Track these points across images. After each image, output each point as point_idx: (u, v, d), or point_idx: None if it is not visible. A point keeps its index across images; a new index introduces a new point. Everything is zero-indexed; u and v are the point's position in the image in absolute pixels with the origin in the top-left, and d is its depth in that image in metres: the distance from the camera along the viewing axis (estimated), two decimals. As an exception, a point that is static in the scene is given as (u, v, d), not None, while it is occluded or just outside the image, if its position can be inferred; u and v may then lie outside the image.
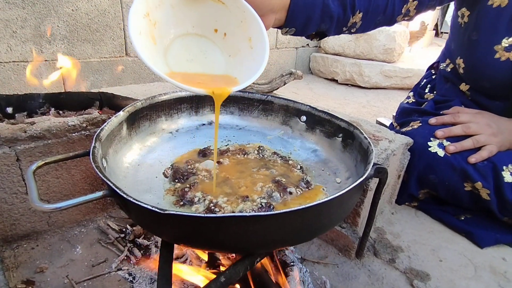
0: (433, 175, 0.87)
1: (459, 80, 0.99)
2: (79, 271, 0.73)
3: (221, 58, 0.56)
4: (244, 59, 0.55)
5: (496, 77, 0.85)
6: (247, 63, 0.54)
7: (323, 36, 0.84)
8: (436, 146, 0.85)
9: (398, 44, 2.78)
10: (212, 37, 0.56)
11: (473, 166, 0.80)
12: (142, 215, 0.39)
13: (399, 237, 0.91)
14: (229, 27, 0.55)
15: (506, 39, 0.81)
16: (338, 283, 0.76)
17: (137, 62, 1.98)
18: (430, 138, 0.87)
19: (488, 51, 0.84)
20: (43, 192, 0.78)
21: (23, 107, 0.75)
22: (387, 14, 0.80)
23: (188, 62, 0.53)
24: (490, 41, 0.84)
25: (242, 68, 0.54)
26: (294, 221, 0.39)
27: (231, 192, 0.52)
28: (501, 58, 0.81)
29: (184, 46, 0.53)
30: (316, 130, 0.71)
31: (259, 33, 0.54)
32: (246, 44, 0.55)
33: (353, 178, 0.57)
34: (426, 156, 0.86)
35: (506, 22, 0.81)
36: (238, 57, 0.56)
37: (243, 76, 0.52)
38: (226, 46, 0.56)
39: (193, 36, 0.54)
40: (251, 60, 0.54)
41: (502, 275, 0.81)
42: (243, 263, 0.42)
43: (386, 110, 2.23)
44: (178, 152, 0.66)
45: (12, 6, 1.46)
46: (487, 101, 0.93)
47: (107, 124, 0.52)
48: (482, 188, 0.80)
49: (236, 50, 0.56)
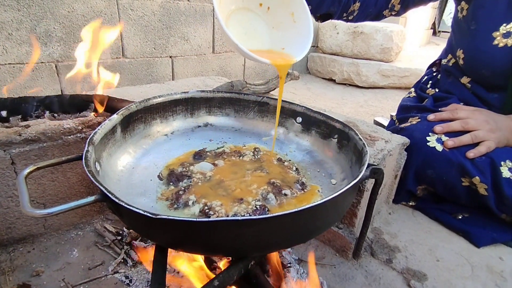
0: (430, 170, 0.88)
1: (460, 73, 1.00)
2: (76, 274, 0.72)
3: (265, 31, 0.61)
4: (288, 32, 0.60)
5: (495, 64, 0.86)
6: (292, 37, 0.59)
7: (327, 18, 0.94)
8: (435, 141, 0.86)
9: (396, 43, 2.78)
10: (257, 10, 0.60)
11: (471, 161, 0.80)
12: (134, 220, 0.39)
13: (396, 237, 0.91)
14: (272, 1, 0.60)
15: (504, 26, 0.82)
16: (335, 283, 0.76)
17: (134, 64, 1.97)
18: (428, 133, 0.88)
19: (487, 38, 0.85)
20: (39, 195, 0.78)
21: (18, 110, 0.74)
22: (377, 6, 0.89)
23: (244, 35, 0.58)
24: (488, 28, 0.85)
25: (287, 41, 0.59)
26: (288, 224, 0.39)
27: (225, 194, 0.52)
28: (499, 44, 0.83)
29: (238, 20, 0.57)
30: (311, 131, 0.71)
31: (302, 8, 0.58)
32: (289, 18, 0.60)
33: (348, 179, 0.57)
34: (424, 151, 0.87)
35: (503, 9, 0.83)
36: (281, 30, 0.61)
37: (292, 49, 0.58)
38: (270, 19, 0.61)
39: (243, 10, 0.58)
40: (296, 34, 0.59)
41: (499, 274, 0.81)
42: (237, 267, 0.42)
43: (384, 109, 2.23)
44: (173, 154, 0.65)
45: (8, 8, 1.45)
46: (487, 94, 0.94)
47: (101, 127, 0.52)
48: (479, 183, 0.80)
49: (279, 23, 0.60)
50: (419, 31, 4.57)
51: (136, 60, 1.98)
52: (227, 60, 2.46)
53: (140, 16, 1.90)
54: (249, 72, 2.66)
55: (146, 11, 1.91)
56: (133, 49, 1.94)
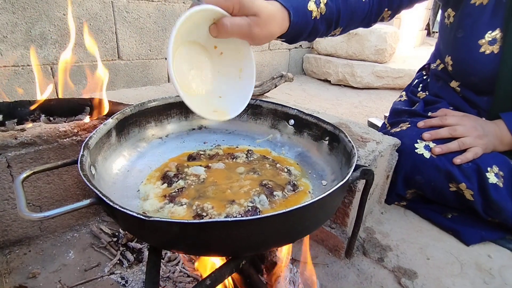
0: (419, 176, 0.89)
1: (449, 77, 1.02)
2: (72, 276, 0.73)
3: (210, 71, 0.61)
4: (230, 84, 0.61)
5: (482, 71, 0.87)
6: (232, 91, 0.60)
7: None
8: (423, 148, 0.87)
9: (389, 44, 2.81)
10: (211, 51, 0.60)
11: (458, 167, 0.82)
12: (128, 222, 0.40)
13: (388, 236, 0.93)
14: (227, 50, 0.60)
15: (489, 34, 0.84)
16: (328, 282, 0.78)
17: (129, 65, 1.98)
18: (417, 140, 0.89)
19: (473, 46, 0.87)
20: (35, 197, 0.79)
21: (13, 114, 0.75)
22: (364, 24, 0.89)
23: (190, 70, 0.58)
24: (474, 36, 0.87)
25: (227, 92, 0.60)
26: (278, 224, 0.40)
27: (218, 196, 0.53)
28: (486, 51, 0.84)
29: (188, 51, 0.57)
30: (304, 134, 0.72)
31: (251, 70, 0.59)
32: (236, 71, 0.60)
33: (338, 181, 0.59)
34: (413, 157, 0.88)
35: (488, 17, 0.85)
36: (225, 79, 0.61)
37: (228, 102, 0.59)
38: (219, 63, 0.61)
39: (198, 45, 0.58)
40: (236, 90, 0.60)
41: (487, 271, 0.83)
42: (228, 266, 0.44)
43: (378, 110, 2.26)
44: (168, 157, 0.67)
45: (2, 11, 1.45)
46: (476, 97, 0.95)
47: (96, 132, 0.53)
48: (466, 189, 0.82)
49: (226, 71, 0.61)
50: (413, 32, 4.61)
51: (132, 62, 1.99)
52: (222, 62, 2.48)
53: (136, 18, 1.91)
54: (244, 73, 2.67)
55: (141, 13, 1.92)
56: (129, 51, 1.95)
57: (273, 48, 2.85)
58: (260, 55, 2.75)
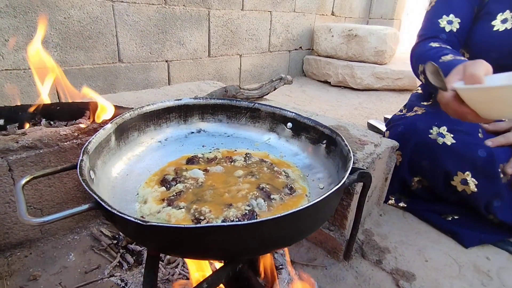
0: (425, 161, 0.93)
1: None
2: (72, 278, 0.74)
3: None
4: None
5: (501, 45, 0.94)
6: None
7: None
8: (436, 134, 0.92)
9: (389, 46, 2.81)
10: None
11: None
12: (126, 226, 0.40)
13: (386, 238, 0.93)
14: None
15: (500, 15, 0.93)
16: (326, 284, 0.78)
17: (130, 68, 1.99)
18: (432, 126, 0.93)
19: (487, 28, 0.94)
20: (36, 200, 0.79)
21: (14, 118, 0.76)
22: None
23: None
24: (487, 20, 0.94)
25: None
26: (274, 228, 0.41)
27: (216, 200, 0.54)
28: (500, 29, 0.92)
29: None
30: (301, 137, 0.73)
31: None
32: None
33: (335, 184, 0.59)
34: (424, 141, 0.93)
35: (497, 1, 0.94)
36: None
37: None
38: None
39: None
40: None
41: (485, 273, 0.83)
42: (225, 270, 0.44)
43: (378, 111, 2.26)
44: (167, 160, 0.67)
45: (4, 15, 1.46)
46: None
47: (95, 136, 0.53)
48: (471, 179, 0.86)
49: None
50: (414, 33, 4.61)
51: (132, 65, 1.99)
52: (222, 64, 2.48)
53: (136, 21, 1.92)
54: (245, 75, 2.68)
55: (142, 16, 1.93)
56: (129, 54, 1.96)
57: (273, 50, 2.86)
58: (260, 57, 2.76)
